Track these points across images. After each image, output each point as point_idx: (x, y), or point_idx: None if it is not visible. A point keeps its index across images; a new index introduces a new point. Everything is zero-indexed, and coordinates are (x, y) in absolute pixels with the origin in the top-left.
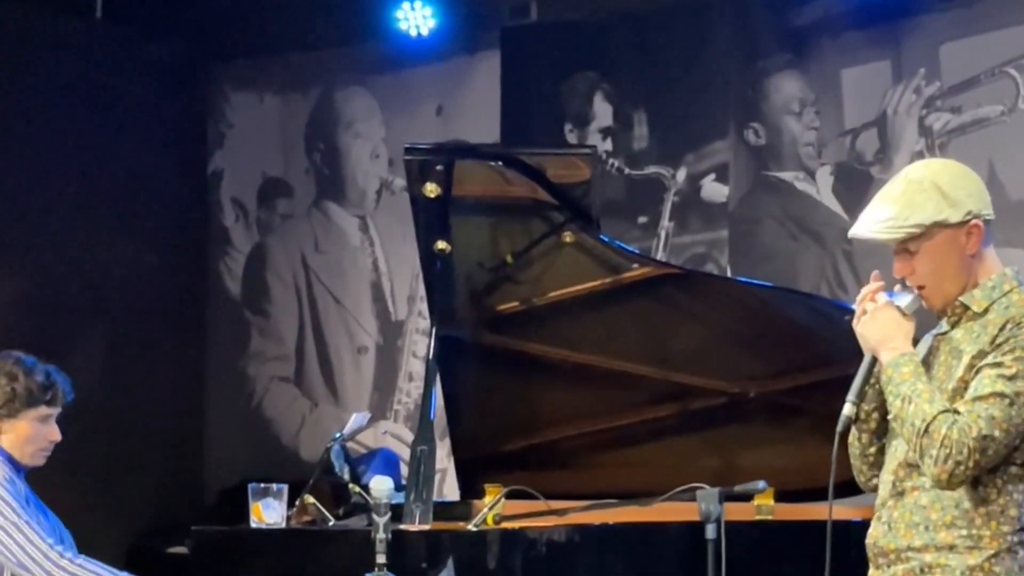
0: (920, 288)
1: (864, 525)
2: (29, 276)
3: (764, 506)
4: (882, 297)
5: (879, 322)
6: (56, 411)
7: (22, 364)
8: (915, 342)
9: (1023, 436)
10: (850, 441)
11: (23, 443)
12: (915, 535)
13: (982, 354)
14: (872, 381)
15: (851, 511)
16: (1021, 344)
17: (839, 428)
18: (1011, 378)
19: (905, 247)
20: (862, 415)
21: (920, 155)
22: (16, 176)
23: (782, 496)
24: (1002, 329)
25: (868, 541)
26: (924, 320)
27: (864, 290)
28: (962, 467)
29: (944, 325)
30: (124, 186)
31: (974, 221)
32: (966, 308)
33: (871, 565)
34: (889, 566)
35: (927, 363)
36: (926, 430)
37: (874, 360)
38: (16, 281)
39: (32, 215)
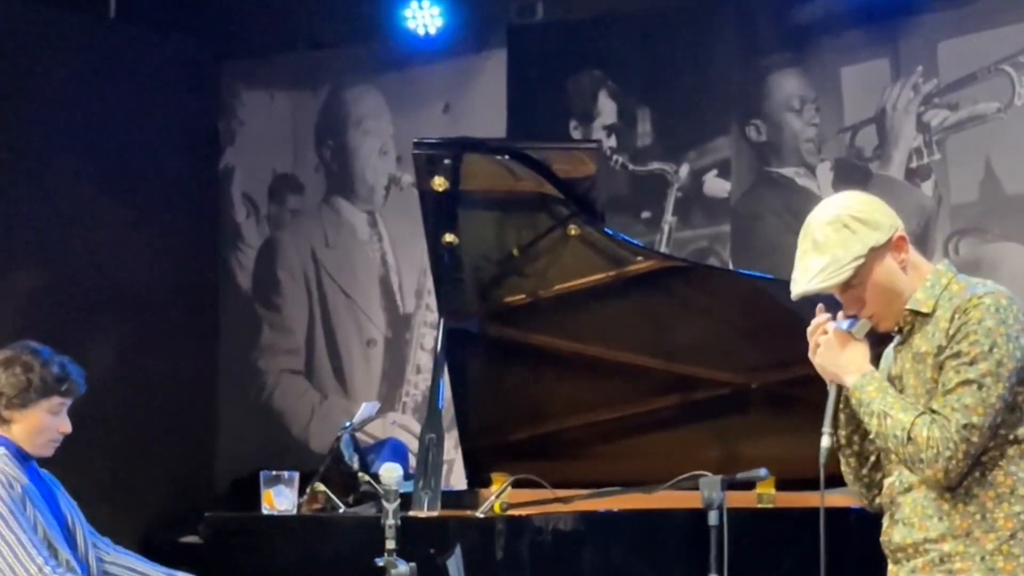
0: (871, 316)
1: (861, 511)
2: (45, 270)
3: (766, 494)
4: (832, 327)
5: (834, 352)
6: (68, 402)
7: (38, 355)
8: (874, 362)
9: (1004, 413)
10: (843, 470)
11: (34, 433)
12: (930, 527)
13: (941, 349)
14: (841, 406)
15: (850, 499)
16: (972, 328)
17: (822, 461)
18: (972, 363)
19: (848, 284)
20: (842, 440)
21: (918, 152)
22: (32, 173)
23: (784, 485)
24: (952, 320)
25: (883, 539)
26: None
27: (813, 324)
28: (954, 461)
29: (900, 336)
30: (138, 182)
31: (897, 235)
32: (916, 313)
33: (890, 561)
34: (908, 560)
35: (895, 376)
36: (909, 437)
37: (839, 388)
38: (32, 274)
39: (48, 211)
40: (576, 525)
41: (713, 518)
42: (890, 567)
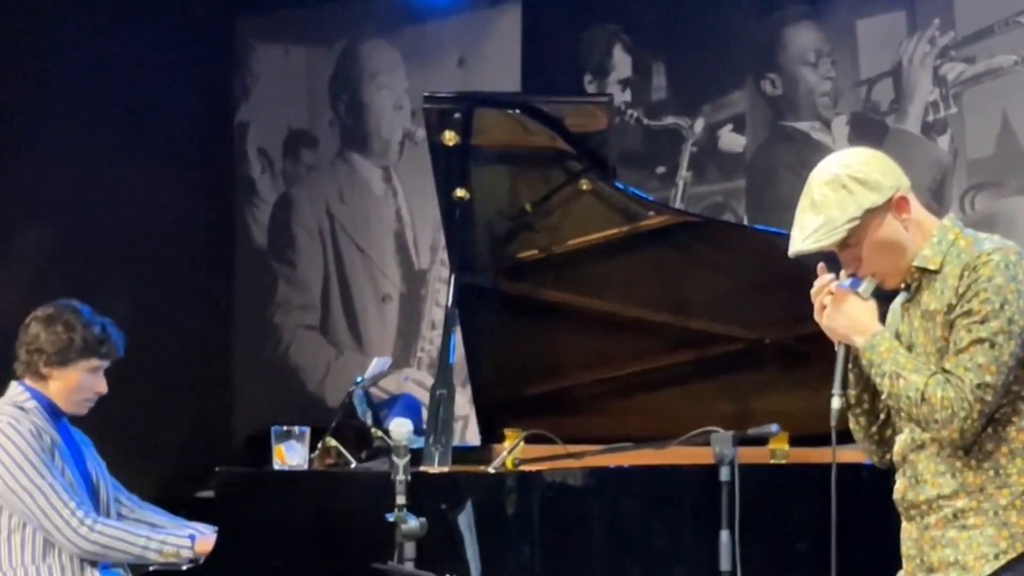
0: (873, 275)
1: (874, 467)
2: (60, 226)
3: (779, 450)
4: (836, 286)
5: (842, 312)
6: (106, 364)
7: (80, 314)
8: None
9: (1016, 370)
10: (853, 428)
11: (70, 392)
12: (943, 483)
13: (951, 308)
14: (850, 366)
15: (859, 454)
16: (982, 286)
17: (833, 423)
18: (983, 321)
19: (846, 244)
20: (852, 400)
21: (935, 105)
22: (47, 130)
23: (798, 440)
24: (961, 278)
25: (896, 496)
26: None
27: (816, 285)
28: (969, 421)
29: (908, 293)
30: (152, 138)
31: (898, 195)
32: (923, 270)
33: (903, 518)
34: (921, 517)
35: (903, 333)
36: (923, 398)
37: (847, 348)
38: (47, 231)
39: (64, 167)
40: (587, 481)
41: (725, 474)
42: (904, 524)
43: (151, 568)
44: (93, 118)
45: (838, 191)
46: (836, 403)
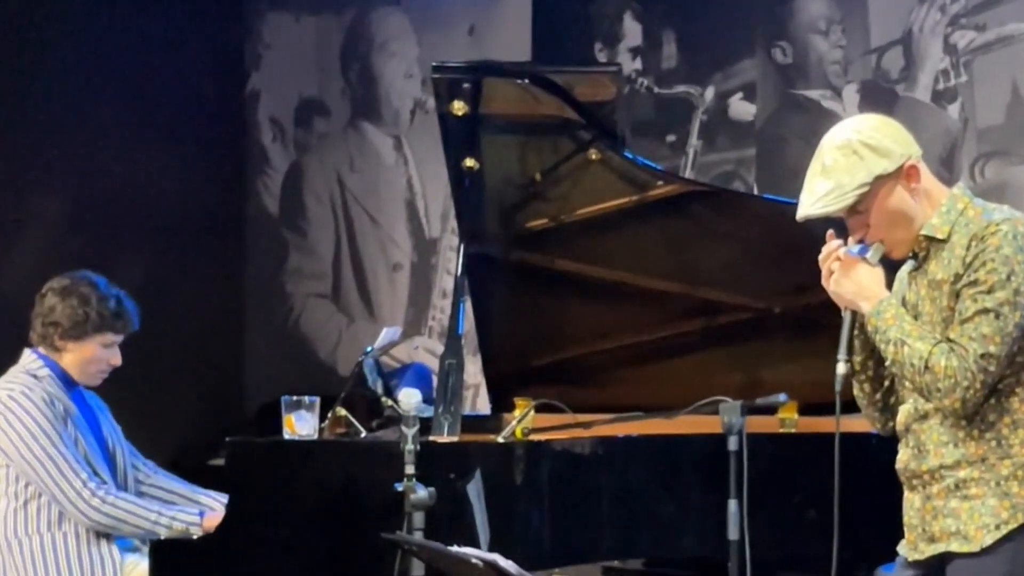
0: (881, 241)
1: (881, 436)
2: (72, 194)
3: (788, 419)
4: (844, 252)
5: (849, 277)
6: (120, 338)
7: (95, 287)
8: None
9: (1021, 341)
10: (856, 395)
11: (84, 364)
12: (945, 453)
13: (958, 277)
14: (856, 332)
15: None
16: (990, 256)
17: (838, 388)
18: (989, 291)
19: (855, 210)
20: (857, 366)
21: (945, 73)
22: (62, 97)
23: (807, 409)
24: (969, 248)
25: (899, 466)
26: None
27: (824, 251)
28: (971, 391)
29: (915, 261)
30: (165, 106)
31: (909, 163)
32: (931, 239)
33: (905, 488)
34: (924, 487)
35: (909, 301)
36: (926, 367)
37: (853, 314)
38: (59, 198)
39: (77, 135)
40: (596, 450)
41: (733, 443)
42: (906, 494)
43: (162, 536)
44: (105, 88)
45: (849, 156)
46: (841, 368)
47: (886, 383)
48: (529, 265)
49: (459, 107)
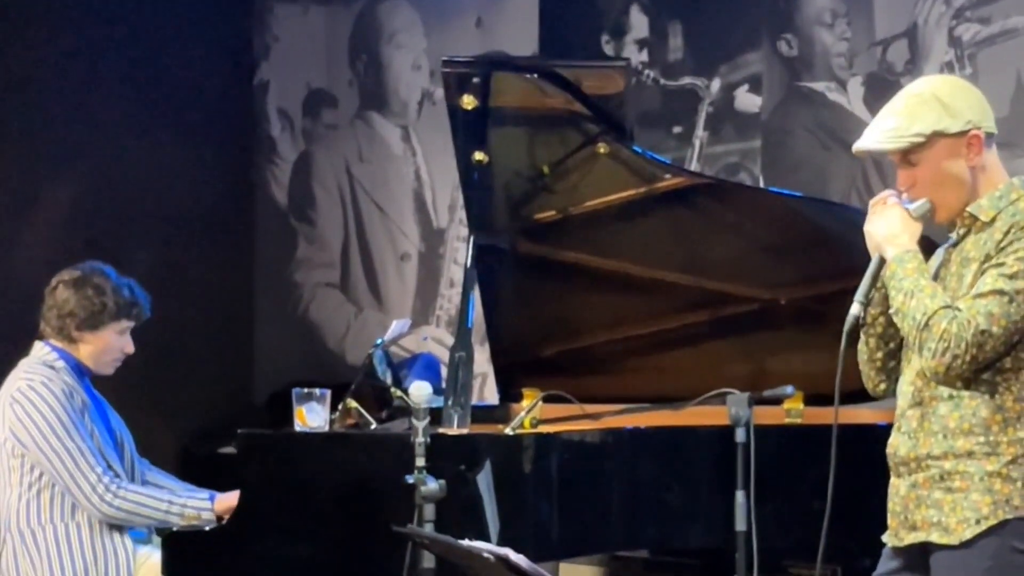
0: (931, 201)
1: (887, 428)
2: (82, 183)
3: (794, 410)
4: (893, 200)
5: (885, 220)
6: (133, 324)
7: (107, 277)
8: (927, 254)
9: (1022, 334)
10: (859, 348)
11: (100, 353)
12: (934, 443)
13: (988, 258)
14: (879, 285)
15: (875, 414)
16: (1022, 244)
17: (846, 328)
18: (1011, 276)
19: (907, 159)
20: (868, 319)
21: (949, 66)
22: (71, 88)
23: (813, 400)
24: (1007, 233)
25: (889, 451)
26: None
27: (878, 196)
28: (959, 361)
29: (954, 237)
30: (174, 96)
31: (974, 132)
32: (975, 219)
33: (892, 473)
34: (910, 474)
35: (939, 275)
36: (926, 324)
37: (881, 262)
38: (69, 187)
39: (87, 126)
40: (604, 441)
41: (740, 435)
42: (892, 479)
43: (174, 528)
44: (114, 77)
45: (918, 104)
46: (855, 309)
47: (891, 345)
48: (537, 257)
49: (468, 101)
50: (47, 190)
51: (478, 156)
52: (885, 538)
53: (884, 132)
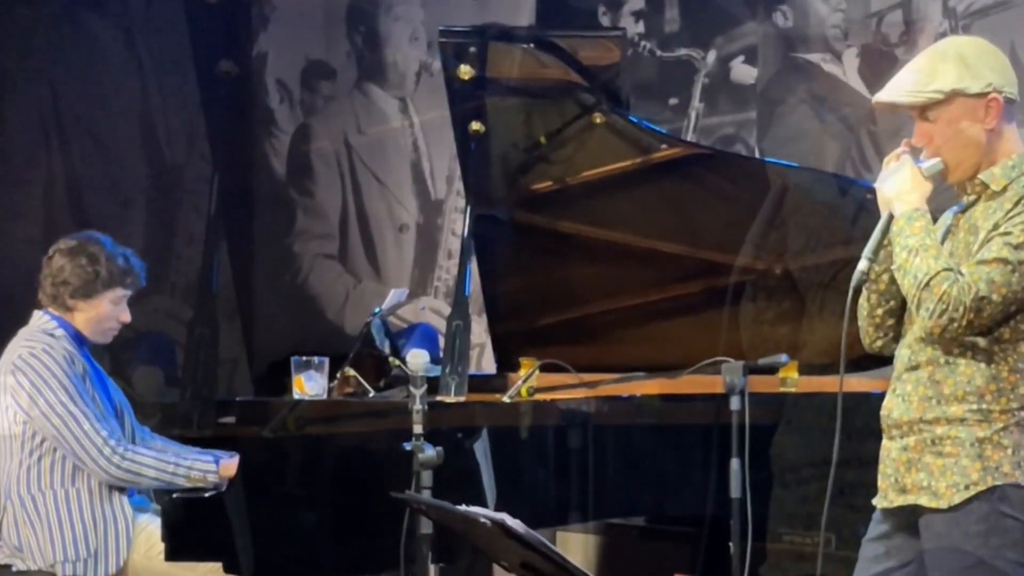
0: (941, 161)
1: (883, 396)
2: (80, 157)
3: (789, 379)
4: (907, 158)
5: (897, 177)
6: (130, 293)
7: (102, 246)
8: (935, 218)
9: (1021, 304)
10: (860, 303)
11: (95, 322)
12: (927, 408)
13: (996, 227)
14: (886, 242)
15: (871, 383)
16: None
17: (853, 283)
18: (1016, 246)
19: (925, 115)
20: (872, 275)
21: (944, 36)
22: (66, 59)
23: (809, 369)
24: (1017, 204)
25: (883, 413)
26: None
27: (892, 153)
28: (955, 324)
29: (964, 203)
30: (172, 68)
31: (993, 95)
32: (986, 186)
33: (884, 435)
34: (902, 437)
35: (945, 240)
36: (927, 283)
37: (890, 219)
38: (67, 161)
39: (81, 97)
40: (600, 409)
41: (735, 403)
42: (884, 442)
43: (174, 494)
44: (111, 48)
45: (941, 62)
46: (863, 264)
47: (891, 303)
48: (534, 227)
49: (465, 71)
50: (45, 161)
51: (475, 126)
52: (875, 501)
53: (904, 86)
